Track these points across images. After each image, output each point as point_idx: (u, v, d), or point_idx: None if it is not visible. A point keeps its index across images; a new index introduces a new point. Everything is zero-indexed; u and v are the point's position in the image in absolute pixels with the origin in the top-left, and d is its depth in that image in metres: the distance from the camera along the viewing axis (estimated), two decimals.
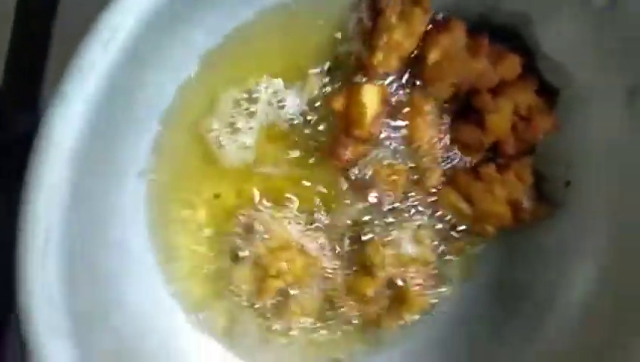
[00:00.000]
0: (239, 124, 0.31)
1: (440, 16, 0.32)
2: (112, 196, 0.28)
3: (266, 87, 0.31)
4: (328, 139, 0.32)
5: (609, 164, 0.33)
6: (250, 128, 0.31)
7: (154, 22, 0.21)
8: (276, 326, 0.34)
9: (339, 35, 0.31)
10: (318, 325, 0.35)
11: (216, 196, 0.32)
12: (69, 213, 0.21)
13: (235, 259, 0.32)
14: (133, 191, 0.29)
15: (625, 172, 0.32)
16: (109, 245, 0.28)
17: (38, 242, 0.21)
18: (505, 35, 0.33)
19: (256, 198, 0.32)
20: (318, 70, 0.31)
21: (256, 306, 0.33)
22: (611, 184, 0.33)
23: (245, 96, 0.31)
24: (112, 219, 0.28)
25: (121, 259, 0.29)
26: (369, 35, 0.30)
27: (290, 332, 0.34)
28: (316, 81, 0.31)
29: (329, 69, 0.31)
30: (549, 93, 0.33)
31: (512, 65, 0.31)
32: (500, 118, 0.32)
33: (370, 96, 0.31)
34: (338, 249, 0.34)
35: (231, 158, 0.32)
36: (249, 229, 0.32)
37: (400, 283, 0.35)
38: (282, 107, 0.31)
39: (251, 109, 0.31)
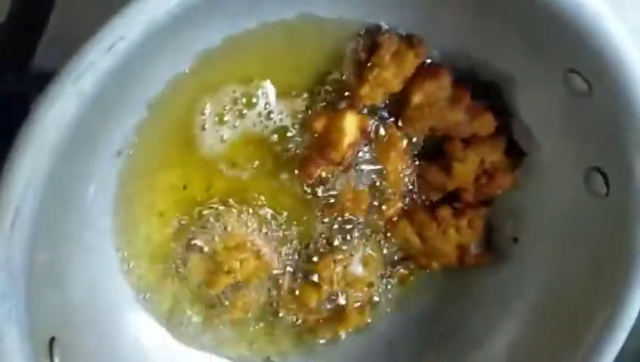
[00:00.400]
0: (227, 118, 0.32)
1: (429, 61, 0.33)
2: (85, 174, 0.28)
3: (264, 95, 0.32)
4: (302, 155, 0.33)
5: (556, 229, 0.35)
6: (235, 127, 0.32)
7: (156, 29, 0.21)
8: (217, 318, 0.35)
9: (332, 60, 0.32)
10: (257, 323, 0.36)
11: (185, 187, 0.33)
12: (42, 192, 0.22)
13: (191, 248, 0.33)
14: (107, 169, 0.30)
15: (567, 240, 0.34)
16: (71, 212, 0.29)
17: (9, 214, 0.21)
18: (487, 90, 0.35)
19: (222, 196, 0.33)
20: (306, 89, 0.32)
21: (202, 295, 0.35)
22: (554, 248, 0.35)
23: (243, 99, 0.32)
24: (83, 193, 0.29)
25: (82, 229, 0.30)
26: (361, 67, 0.32)
27: (230, 325, 0.36)
28: (303, 99, 0.32)
29: (317, 90, 0.33)
30: (515, 154, 0.35)
31: (487, 123, 0.33)
32: (465, 168, 0.34)
33: (351, 124, 0.32)
34: (291, 257, 0.35)
35: (206, 146, 0.32)
36: (210, 224, 0.33)
37: (341, 299, 0.37)
38: (269, 117, 0.32)
39: (244, 111, 0.32)
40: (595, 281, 0.32)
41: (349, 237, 0.36)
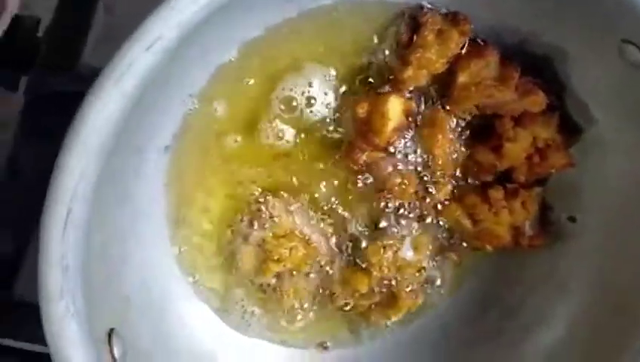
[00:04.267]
0: (276, 108, 0.32)
1: (476, 38, 0.32)
2: (133, 166, 0.29)
3: (309, 83, 0.32)
4: (347, 141, 0.33)
5: (616, 210, 0.33)
6: (284, 116, 0.32)
7: (191, 26, 0.22)
8: (269, 305, 0.36)
9: (375, 44, 0.32)
10: (309, 309, 0.37)
11: (234, 178, 0.33)
12: (92, 190, 0.23)
13: (241, 237, 0.34)
14: (155, 163, 0.30)
15: (629, 222, 0.33)
16: (123, 207, 0.29)
17: (61, 213, 0.22)
18: (536, 65, 0.33)
19: (271, 186, 0.34)
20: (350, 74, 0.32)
21: (254, 283, 0.35)
22: (613, 230, 0.34)
23: (291, 89, 0.32)
24: (133, 188, 0.29)
25: (134, 222, 0.31)
26: (403, 49, 0.31)
27: (282, 312, 0.36)
28: (347, 84, 0.32)
29: (360, 74, 0.32)
30: (571, 131, 0.34)
31: (538, 101, 0.32)
32: (516, 148, 0.33)
33: (394, 108, 0.31)
34: (340, 244, 0.35)
35: (257, 137, 0.33)
36: (259, 213, 0.34)
37: (393, 284, 0.36)
38: (315, 104, 0.32)
39: (292, 101, 0.32)
40: None
41: (398, 222, 0.36)
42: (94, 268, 0.27)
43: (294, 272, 0.35)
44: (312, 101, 0.32)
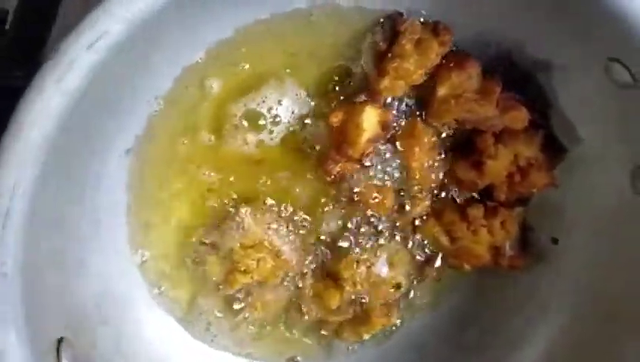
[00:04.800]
0: (245, 114, 0.31)
1: (457, 49, 0.31)
2: (93, 168, 0.28)
3: (282, 90, 0.31)
4: (321, 151, 0.32)
5: (601, 232, 0.32)
6: (253, 124, 0.31)
7: (143, 22, 0.20)
8: (236, 317, 0.34)
9: (351, 51, 0.30)
10: (278, 322, 0.35)
11: (201, 184, 0.32)
12: (34, 192, 0.22)
13: (207, 246, 0.33)
14: (116, 166, 0.29)
15: (616, 244, 0.31)
16: (82, 211, 0.28)
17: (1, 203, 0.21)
18: (520, 80, 0.32)
19: (240, 193, 0.32)
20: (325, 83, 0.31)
21: (220, 293, 0.34)
22: (600, 244, 0.32)
23: (261, 95, 0.31)
24: (92, 191, 0.28)
25: (94, 227, 0.29)
26: (380, 58, 0.30)
27: (250, 324, 0.35)
28: (322, 93, 0.31)
29: (335, 83, 0.31)
30: (555, 150, 0.33)
31: (519, 117, 0.30)
32: (497, 165, 0.32)
33: (370, 119, 0.30)
34: (312, 257, 0.34)
35: (224, 144, 0.31)
36: (227, 222, 0.32)
37: (365, 301, 0.35)
38: (287, 113, 0.31)
39: (260, 108, 0.31)
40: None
41: (373, 237, 0.34)
42: (44, 275, 0.25)
43: (263, 284, 0.34)
44: (283, 108, 0.31)
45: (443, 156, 0.33)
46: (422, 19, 0.30)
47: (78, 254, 0.29)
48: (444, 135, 0.33)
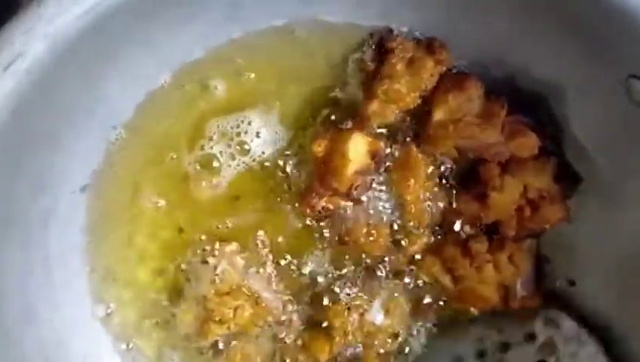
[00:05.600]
0: (215, 145, 0.28)
1: (455, 69, 0.27)
2: (43, 210, 0.25)
3: (260, 117, 0.28)
4: (304, 184, 0.28)
5: (621, 271, 0.28)
6: (225, 156, 0.28)
7: (74, 41, 0.17)
8: None
9: (336, 72, 0.27)
10: None
11: (167, 222, 0.28)
12: None
13: (177, 294, 0.29)
14: (71, 204, 0.26)
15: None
16: (30, 262, 0.25)
17: None
18: (531, 102, 0.28)
19: (212, 234, 0.29)
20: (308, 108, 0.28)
21: (193, 345, 0.30)
22: (617, 292, 0.28)
23: (236, 123, 0.28)
24: (40, 234, 0.25)
25: (43, 274, 0.26)
26: (369, 79, 0.26)
27: None
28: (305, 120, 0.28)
29: (320, 108, 0.28)
30: (568, 180, 0.29)
31: (528, 144, 0.27)
32: (504, 198, 0.28)
33: (357, 147, 0.27)
34: (297, 303, 0.30)
35: (193, 180, 0.28)
36: (201, 265, 0.29)
37: (359, 351, 0.31)
38: (266, 142, 0.28)
39: (235, 138, 0.28)
40: None
41: (366, 280, 0.31)
42: None
43: (242, 337, 0.30)
44: (261, 139, 0.28)
45: (443, 187, 0.30)
46: (415, 36, 0.26)
47: (20, 304, 0.25)
48: (443, 165, 0.29)
